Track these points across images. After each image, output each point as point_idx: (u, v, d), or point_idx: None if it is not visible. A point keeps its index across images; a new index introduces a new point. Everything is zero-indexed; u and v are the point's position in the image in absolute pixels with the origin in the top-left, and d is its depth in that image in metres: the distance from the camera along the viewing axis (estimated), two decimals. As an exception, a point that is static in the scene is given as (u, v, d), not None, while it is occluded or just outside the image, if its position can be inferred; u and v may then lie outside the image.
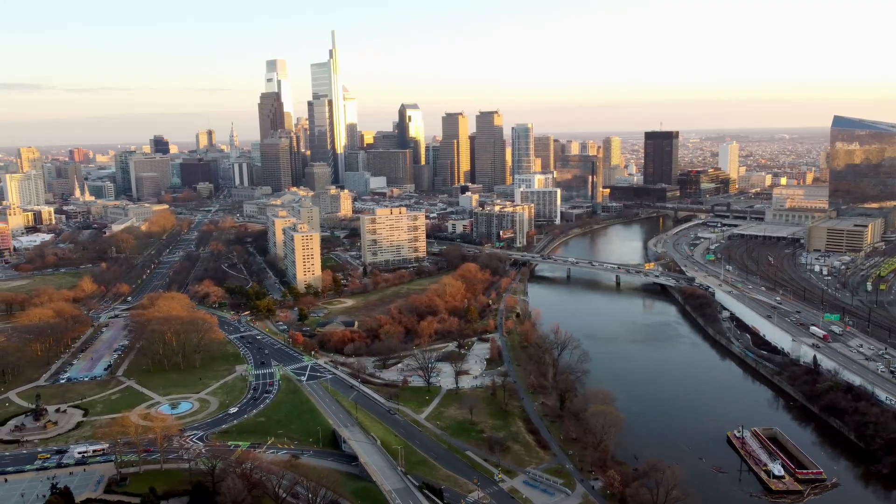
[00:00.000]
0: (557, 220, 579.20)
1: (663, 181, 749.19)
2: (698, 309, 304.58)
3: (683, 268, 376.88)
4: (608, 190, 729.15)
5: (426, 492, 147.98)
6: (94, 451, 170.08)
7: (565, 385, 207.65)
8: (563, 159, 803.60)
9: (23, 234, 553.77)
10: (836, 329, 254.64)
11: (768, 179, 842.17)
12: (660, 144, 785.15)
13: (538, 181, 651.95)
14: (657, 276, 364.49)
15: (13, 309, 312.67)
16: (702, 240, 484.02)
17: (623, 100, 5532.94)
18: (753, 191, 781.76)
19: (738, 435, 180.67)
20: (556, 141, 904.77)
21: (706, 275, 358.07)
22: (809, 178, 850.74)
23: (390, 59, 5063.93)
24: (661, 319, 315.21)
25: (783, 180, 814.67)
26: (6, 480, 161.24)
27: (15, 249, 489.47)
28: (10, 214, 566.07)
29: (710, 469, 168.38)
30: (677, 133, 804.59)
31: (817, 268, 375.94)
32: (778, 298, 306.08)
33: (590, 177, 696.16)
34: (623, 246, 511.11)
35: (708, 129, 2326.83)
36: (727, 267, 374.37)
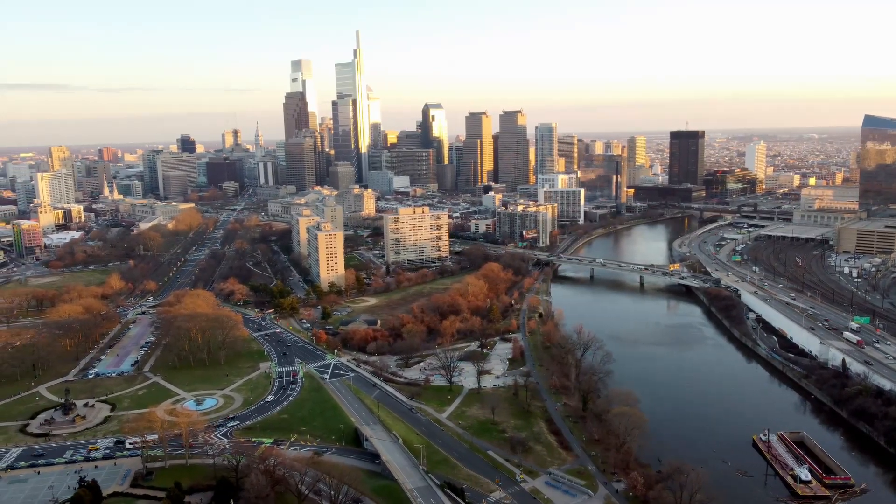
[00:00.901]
0: (581, 220, 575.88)
1: (689, 181, 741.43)
2: (724, 310, 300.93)
3: (709, 269, 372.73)
4: (632, 190, 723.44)
5: (448, 491, 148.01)
6: (145, 441, 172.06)
7: (588, 386, 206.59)
8: (586, 159, 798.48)
9: (53, 231, 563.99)
10: (853, 326, 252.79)
11: (796, 180, 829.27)
12: (685, 144, 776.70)
13: (562, 181, 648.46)
14: (682, 278, 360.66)
15: (44, 305, 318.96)
16: (728, 241, 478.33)
17: (648, 99, 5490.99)
18: (781, 191, 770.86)
19: (764, 439, 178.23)
20: (579, 140, 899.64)
21: (732, 276, 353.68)
22: (839, 178, 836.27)
23: (413, 59, 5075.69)
24: (685, 321, 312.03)
25: (812, 181, 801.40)
26: (39, 472, 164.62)
27: (46, 247, 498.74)
28: (41, 212, 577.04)
29: (736, 473, 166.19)
30: (703, 133, 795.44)
31: (847, 270, 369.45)
32: (793, 295, 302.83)
33: (614, 177, 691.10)
34: (647, 246, 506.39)
35: (734, 129, 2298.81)
36: (753, 268, 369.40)
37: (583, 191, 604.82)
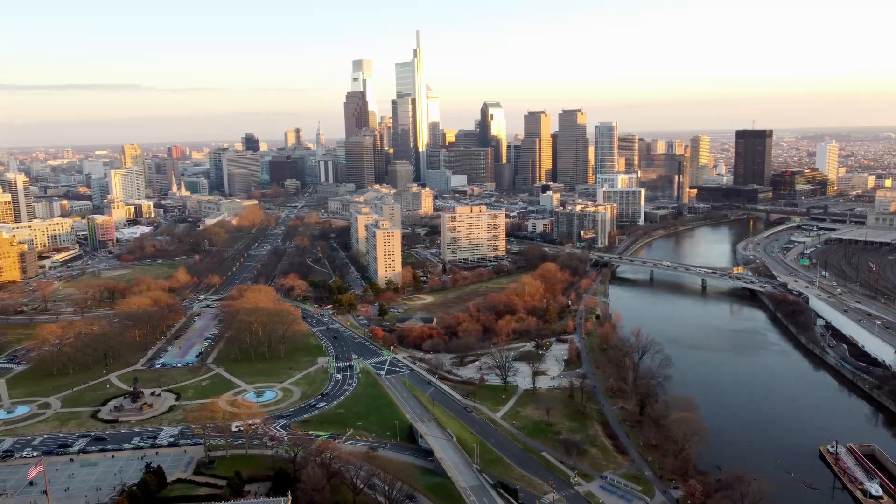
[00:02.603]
0: (641, 221, 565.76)
1: (755, 182, 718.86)
2: (790, 316, 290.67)
3: (775, 273, 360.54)
4: (695, 190, 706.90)
5: (501, 491, 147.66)
6: (244, 425, 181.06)
7: (646, 390, 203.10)
8: (647, 158, 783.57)
9: (125, 226, 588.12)
10: None
11: (871, 181, 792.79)
12: (751, 143, 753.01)
13: (621, 181, 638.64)
14: (747, 281, 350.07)
15: (115, 296, 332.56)
16: (796, 244, 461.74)
17: (713, 97, 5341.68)
18: (854, 193, 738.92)
19: (831, 450, 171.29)
20: (640, 140, 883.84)
21: (800, 281, 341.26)
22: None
23: (472, 58, 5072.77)
24: (749, 326, 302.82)
25: (888, 182, 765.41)
26: (113, 456, 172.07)
27: (118, 241, 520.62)
28: (114, 208, 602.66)
29: (800, 485, 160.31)
30: (771, 132, 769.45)
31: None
32: (839, 290, 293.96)
33: (676, 177, 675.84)
34: (710, 249, 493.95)
35: (804, 128, 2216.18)
36: (823, 273, 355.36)
37: (643, 191, 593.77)
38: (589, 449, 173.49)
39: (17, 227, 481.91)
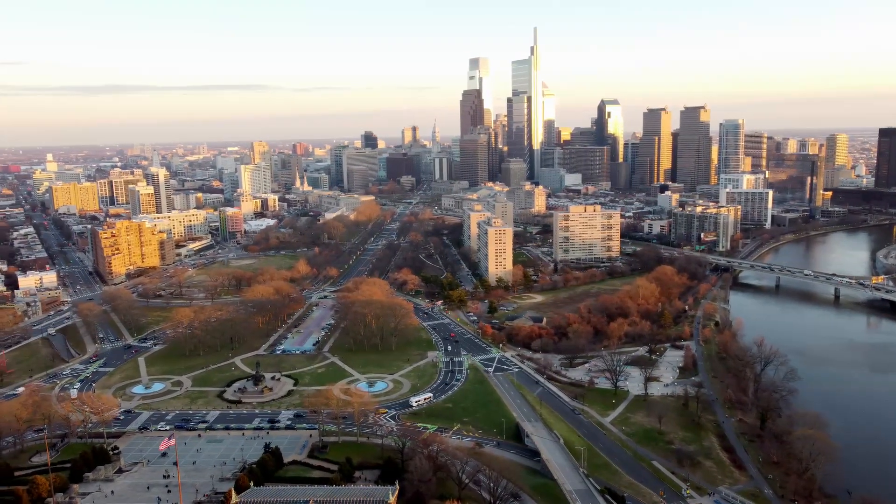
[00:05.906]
0: (768, 224, 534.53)
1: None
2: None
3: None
4: (830, 193, 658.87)
5: (608, 497, 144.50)
6: (425, 398, 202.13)
7: (767, 403, 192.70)
8: (776, 158, 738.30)
9: (252, 218, 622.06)
10: None
11: None
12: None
13: (747, 181, 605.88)
14: (888, 292, 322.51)
15: (241, 284, 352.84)
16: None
17: (854, 92, 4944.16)
18: None
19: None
20: (769, 138, 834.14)
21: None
22: None
23: (590, 55, 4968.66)
24: (888, 340, 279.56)
25: None
26: (244, 434, 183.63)
27: (245, 232, 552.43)
28: (243, 201, 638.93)
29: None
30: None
31: None
32: None
33: (808, 178, 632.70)
34: (845, 255, 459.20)
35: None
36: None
37: (771, 192, 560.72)
38: (703, 461, 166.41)
39: (158, 218, 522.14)
